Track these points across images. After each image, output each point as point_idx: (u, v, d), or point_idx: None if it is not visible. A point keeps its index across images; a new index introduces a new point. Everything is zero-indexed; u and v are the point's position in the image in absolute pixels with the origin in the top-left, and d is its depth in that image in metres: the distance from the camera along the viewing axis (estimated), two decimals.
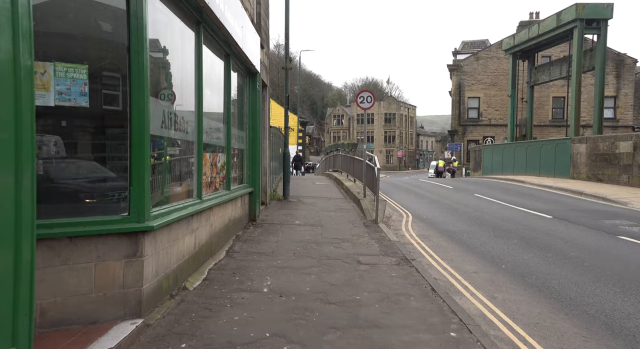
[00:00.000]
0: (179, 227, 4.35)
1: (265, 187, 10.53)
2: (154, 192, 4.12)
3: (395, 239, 7.51)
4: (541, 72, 25.08)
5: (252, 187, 8.49)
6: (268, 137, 10.75)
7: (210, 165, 5.85)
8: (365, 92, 11.05)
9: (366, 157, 11.84)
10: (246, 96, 8.36)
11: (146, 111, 3.54)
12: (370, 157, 11.30)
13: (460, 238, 8.04)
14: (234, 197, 6.95)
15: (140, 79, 3.49)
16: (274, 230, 7.91)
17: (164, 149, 4.35)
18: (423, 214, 10.70)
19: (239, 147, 7.92)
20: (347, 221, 9.01)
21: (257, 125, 8.60)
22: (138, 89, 3.49)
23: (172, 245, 4.19)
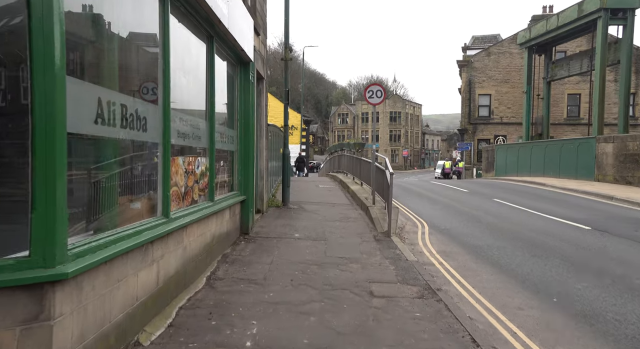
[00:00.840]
0: (127, 262, 3.15)
1: (262, 193, 9.33)
2: (89, 214, 2.92)
3: (413, 258, 6.28)
4: (559, 67, 23.67)
5: (245, 195, 7.29)
6: (265, 136, 9.55)
7: (185, 172, 4.65)
8: (375, 86, 9.82)
9: (375, 158, 10.61)
10: (237, 89, 7.16)
11: (57, 97, 2.34)
12: (381, 159, 10.06)
13: (489, 256, 6.79)
14: (219, 209, 5.75)
15: (47, 48, 2.29)
16: (268, 246, 6.71)
17: (104, 154, 3.15)
18: (440, 224, 9.46)
19: (228, 149, 6.72)
20: (355, 234, 7.79)
21: (251, 122, 7.40)
22: (44, 64, 2.29)
23: (115, 289, 2.99)
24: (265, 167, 9.62)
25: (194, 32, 5.02)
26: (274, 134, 11.97)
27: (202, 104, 5.44)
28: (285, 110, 10.41)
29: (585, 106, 30.65)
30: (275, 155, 12.56)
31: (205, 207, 5.22)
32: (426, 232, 8.58)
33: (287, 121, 10.47)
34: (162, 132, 3.91)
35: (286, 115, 10.42)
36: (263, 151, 9.29)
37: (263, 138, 9.30)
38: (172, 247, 4.07)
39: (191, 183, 4.83)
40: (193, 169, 4.90)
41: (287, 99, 10.34)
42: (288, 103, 10.37)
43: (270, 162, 11.42)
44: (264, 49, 9.61)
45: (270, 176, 11.54)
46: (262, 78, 9.24)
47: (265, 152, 9.46)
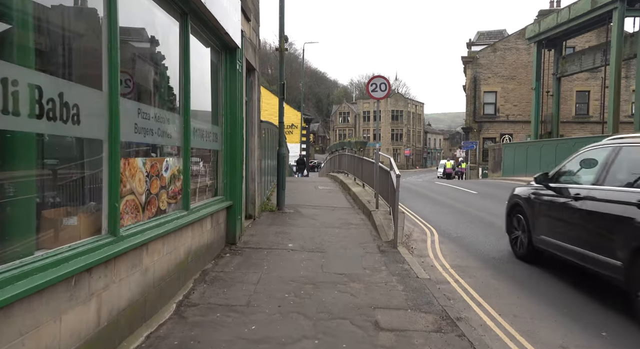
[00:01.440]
0: (40, 304, 2.27)
1: (254, 196, 8.45)
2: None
3: (424, 275, 5.39)
4: (570, 63, 22.69)
5: (231, 200, 6.40)
6: (258, 134, 8.66)
7: (147, 176, 3.76)
8: (379, 79, 8.91)
9: (378, 158, 9.72)
10: (222, 79, 6.27)
11: None
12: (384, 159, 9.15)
13: (511, 271, 5.89)
14: (197, 218, 4.87)
15: None
16: (257, 260, 5.83)
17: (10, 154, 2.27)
18: (451, 231, 8.56)
19: (210, 148, 5.85)
20: (357, 244, 6.90)
21: (238, 118, 6.51)
22: None
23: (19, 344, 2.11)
24: (258, 168, 8.74)
25: (160, 6, 4.13)
26: (269, 131, 11.08)
27: (174, 95, 4.56)
28: (280, 105, 9.51)
29: (594, 104, 29.70)
30: (271, 154, 11.67)
31: (177, 218, 4.34)
32: (436, 241, 7.68)
33: (283, 117, 9.58)
34: (107, 127, 3.02)
35: (281, 111, 9.53)
36: (255, 151, 8.41)
37: (255, 136, 8.42)
38: (123, 273, 3.19)
39: (156, 189, 3.95)
40: (159, 173, 4.02)
41: (283, 94, 9.46)
42: (283, 98, 9.48)
43: (266, 162, 10.54)
44: (257, 38, 8.73)
45: (265, 175, 10.66)
46: (254, 69, 8.36)
47: (257, 152, 8.58)
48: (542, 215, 5.83)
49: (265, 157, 10.37)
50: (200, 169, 5.44)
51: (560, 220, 5.43)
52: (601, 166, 4.98)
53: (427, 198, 13.80)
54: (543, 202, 5.87)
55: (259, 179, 8.87)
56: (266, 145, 10.52)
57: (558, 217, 5.51)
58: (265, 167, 10.41)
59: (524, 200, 6.36)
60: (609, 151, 5.01)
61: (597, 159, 5.19)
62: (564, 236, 5.26)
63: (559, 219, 5.48)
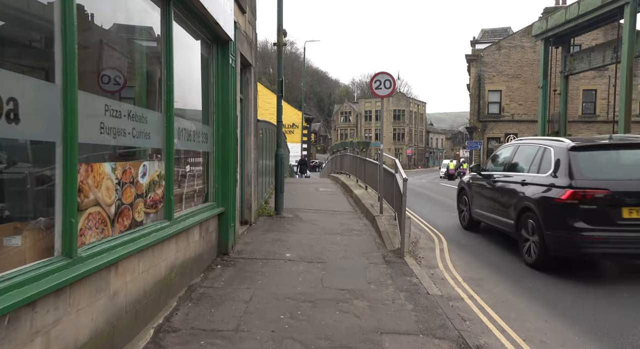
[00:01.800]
0: None
1: (250, 200, 7.93)
2: None
3: (435, 291, 4.86)
4: (579, 60, 22.06)
5: (223, 206, 5.88)
6: (254, 134, 8.14)
7: (118, 184, 3.24)
8: (383, 75, 8.37)
9: (382, 159, 9.19)
10: (213, 75, 5.75)
11: None
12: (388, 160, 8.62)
13: (531, 284, 5.35)
14: (182, 228, 4.36)
15: None
16: (251, 272, 5.30)
17: None
18: (460, 237, 8.02)
19: (199, 149, 5.34)
20: (360, 253, 6.37)
21: (231, 117, 5.99)
22: None
23: None
24: (254, 170, 8.21)
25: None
26: (267, 131, 10.56)
27: (153, 89, 4.04)
28: (279, 103, 8.98)
29: (601, 103, 29.10)
30: (269, 155, 11.14)
31: (157, 230, 3.82)
32: (445, 249, 7.15)
33: (281, 116, 9.05)
34: (62, 126, 2.50)
35: (279, 109, 9.00)
36: (251, 152, 7.89)
37: (251, 136, 7.90)
38: (83, 302, 2.67)
39: (130, 199, 3.42)
40: (134, 179, 3.50)
41: (281, 91, 8.93)
42: (282, 95, 8.95)
43: (263, 163, 10.03)
44: (253, 32, 8.21)
45: (263, 177, 10.15)
46: (250, 65, 7.84)
47: (253, 153, 8.06)
48: (476, 194, 7.97)
49: (263, 158, 9.86)
50: (187, 173, 4.92)
51: (485, 197, 7.55)
52: (508, 158, 7.34)
53: (432, 200, 13.25)
54: (476, 185, 8.06)
55: (255, 181, 8.35)
56: (264, 145, 10.00)
57: (484, 195, 7.62)
58: (263, 169, 9.90)
59: (466, 184, 8.64)
60: (512, 148, 7.35)
61: (506, 154, 7.47)
62: (487, 208, 7.37)
63: (484, 197, 7.63)
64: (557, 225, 5.47)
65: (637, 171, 5.57)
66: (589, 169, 5.58)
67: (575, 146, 5.79)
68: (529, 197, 6.06)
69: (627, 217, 5.24)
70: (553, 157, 5.99)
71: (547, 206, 5.67)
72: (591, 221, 5.25)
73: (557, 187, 5.61)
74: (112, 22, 3.32)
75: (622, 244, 5.26)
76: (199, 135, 5.22)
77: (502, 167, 7.35)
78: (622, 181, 5.42)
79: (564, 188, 5.48)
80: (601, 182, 5.37)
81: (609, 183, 5.35)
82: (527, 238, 6.10)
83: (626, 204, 5.26)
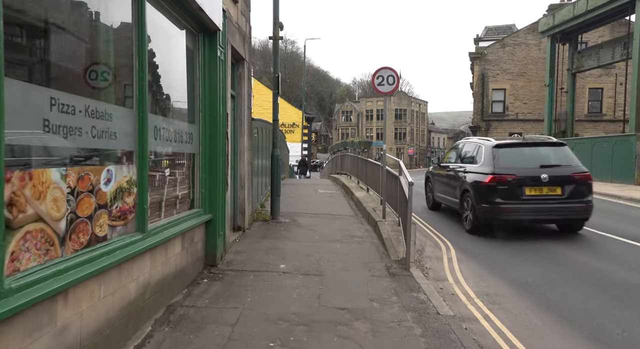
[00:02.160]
0: None
1: (243, 205, 7.38)
2: None
3: (446, 310, 4.31)
4: (587, 57, 21.43)
5: (210, 213, 5.34)
6: (248, 133, 7.59)
7: (71, 193, 2.70)
8: (385, 70, 7.81)
9: (385, 160, 8.63)
10: (199, 69, 5.20)
11: None
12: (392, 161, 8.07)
13: (555, 303, 4.79)
14: (159, 241, 3.82)
15: None
16: (240, 287, 4.76)
17: None
18: (469, 245, 7.45)
19: (182, 150, 4.79)
20: (361, 263, 5.83)
21: (219, 114, 5.45)
22: None
23: None
24: (248, 172, 7.67)
25: None
26: (263, 131, 10.01)
27: (121, 83, 3.49)
28: (275, 100, 8.43)
29: (608, 101, 28.50)
30: (266, 156, 10.59)
31: (126, 245, 3.28)
32: (454, 258, 6.59)
33: (277, 114, 8.50)
34: None
35: (275, 107, 8.44)
36: (244, 153, 7.34)
37: (244, 136, 7.36)
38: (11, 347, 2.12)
39: (88, 211, 2.88)
40: (94, 187, 2.95)
41: (277, 87, 8.37)
42: (278, 92, 8.40)
43: (259, 165, 9.49)
44: (247, 24, 7.66)
45: (259, 179, 9.61)
46: (243, 60, 7.29)
47: (247, 154, 7.51)
48: (437, 181, 9.85)
49: (259, 159, 9.31)
50: (167, 178, 4.38)
51: (442, 183, 9.32)
52: (457, 153, 9.41)
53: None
54: (436, 174, 9.90)
55: (249, 184, 7.81)
56: (260, 145, 9.46)
57: (442, 181, 9.47)
58: (259, 171, 9.36)
59: (430, 174, 10.67)
60: (461, 145, 9.44)
61: (457, 150, 9.62)
62: (444, 192, 9.09)
63: (442, 183, 9.47)
64: (483, 201, 7.44)
65: (535, 162, 7.68)
66: (504, 161, 7.66)
67: (497, 144, 7.92)
68: (468, 182, 7.99)
69: (528, 194, 7.41)
70: (483, 152, 7.98)
71: (477, 187, 7.63)
72: (505, 197, 7.32)
73: (484, 174, 7.63)
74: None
75: (525, 212, 7.44)
76: (182, 135, 4.69)
77: (454, 159, 9.50)
78: (525, 168, 7.56)
79: (488, 174, 7.54)
80: (511, 170, 7.48)
81: (516, 170, 7.48)
82: (466, 212, 8.11)
83: (527, 184, 7.40)
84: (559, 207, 7.42)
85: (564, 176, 7.47)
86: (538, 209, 7.37)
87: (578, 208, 7.48)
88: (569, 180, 7.45)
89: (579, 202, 7.46)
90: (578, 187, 7.48)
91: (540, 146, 8.17)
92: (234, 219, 7.29)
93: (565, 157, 7.86)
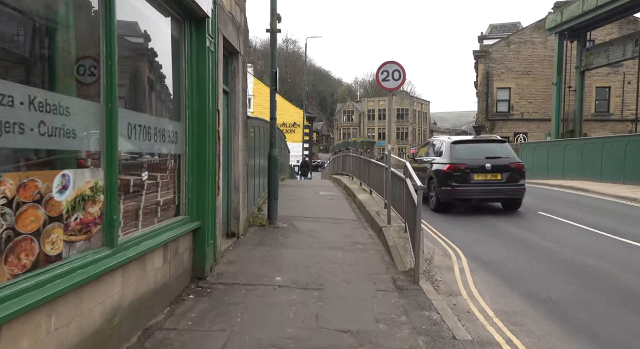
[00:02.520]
0: None
1: (237, 209, 6.86)
2: None
3: (463, 334, 3.78)
4: (596, 55, 20.84)
5: (198, 220, 4.82)
6: (243, 132, 7.07)
7: (7, 205, 2.17)
8: (391, 65, 7.28)
9: (390, 162, 8.10)
10: (185, 60, 4.68)
11: None
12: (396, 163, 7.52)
13: (586, 326, 4.25)
14: (132, 256, 3.30)
15: None
16: (230, 305, 4.24)
17: None
18: (481, 252, 6.92)
19: (165, 151, 4.27)
20: (366, 275, 5.30)
21: (209, 111, 4.92)
22: None
23: None
24: (243, 174, 7.15)
25: None
26: (261, 130, 9.48)
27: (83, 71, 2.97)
28: (272, 97, 7.90)
29: (615, 100, 27.89)
30: (264, 155, 10.06)
31: (87, 264, 2.76)
32: (466, 269, 6.05)
33: (275, 112, 7.97)
34: None
35: (273, 104, 7.91)
36: (239, 153, 6.82)
37: (239, 135, 6.83)
38: None
39: (34, 225, 2.36)
40: (44, 196, 2.43)
41: (275, 84, 7.85)
42: (276, 89, 7.87)
43: (256, 166, 8.96)
44: (242, 15, 7.14)
45: (255, 181, 9.08)
46: (238, 53, 6.76)
47: (242, 155, 6.98)
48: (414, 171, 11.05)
49: (255, 159, 8.79)
50: (146, 182, 3.85)
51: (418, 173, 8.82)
52: (428, 149, 11.37)
53: None
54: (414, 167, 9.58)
55: (244, 187, 7.29)
56: (257, 145, 8.93)
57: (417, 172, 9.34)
58: (255, 172, 8.83)
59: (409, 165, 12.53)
60: (431, 142, 11.51)
61: (428, 146, 11.52)
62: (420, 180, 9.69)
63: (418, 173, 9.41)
64: (443, 184, 8.87)
65: (482, 154, 9.80)
66: (459, 154, 9.82)
67: (454, 141, 10.32)
68: (432, 171, 9.94)
69: (475, 179, 9.52)
70: (444, 147, 10.18)
71: (439, 174, 9.26)
72: (458, 181, 9.26)
73: (444, 164, 9.72)
74: None
75: (474, 193, 9.62)
76: (164, 133, 4.16)
77: (425, 154, 11.40)
78: (473, 159, 9.66)
79: (446, 164, 9.65)
80: (464, 160, 9.61)
81: (467, 161, 9.62)
82: (431, 194, 10.06)
83: (475, 171, 9.52)
84: (499, 189, 9.69)
85: (503, 165, 9.60)
86: (484, 190, 9.30)
87: (514, 190, 9.78)
88: (507, 168, 9.61)
89: (514, 185, 9.73)
90: (513, 174, 9.68)
91: (487, 142, 10.63)
92: (228, 225, 6.77)
93: (505, 151, 10.10)
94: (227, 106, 6.63)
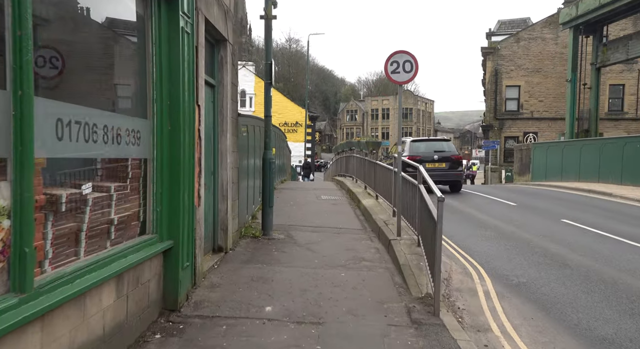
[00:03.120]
0: None
1: (225, 220, 5.98)
2: None
3: None
4: (613, 50, 19.80)
5: (171, 239, 3.94)
6: (232, 131, 6.18)
7: None
8: (402, 55, 6.37)
9: (400, 166, 7.20)
10: (151, 42, 3.79)
11: None
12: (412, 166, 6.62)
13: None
14: (56, 302, 2.42)
15: None
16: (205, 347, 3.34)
17: None
18: (507, 270, 6.00)
19: (122, 155, 3.39)
20: (374, 304, 4.39)
21: (185, 106, 4.03)
22: None
23: None
24: (233, 179, 6.27)
25: None
26: (256, 129, 8.58)
27: None
28: (267, 93, 7.01)
29: (630, 99, 26.84)
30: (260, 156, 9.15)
31: None
32: (492, 292, 5.13)
33: (270, 110, 7.09)
34: None
35: (268, 100, 7.02)
36: (226, 155, 5.93)
37: (227, 135, 5.94)
38: None
39: None
40: None
41: (270, 77, 6.96)
42: (271, 82, 6.98)
43: (250, 169, 8.08)
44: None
45: (250, 182, 8.20)
46: (226, 41, 5.88)
47: (231, 157, 6.10)
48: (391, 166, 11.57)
49: (249, 161, 7.91)
50: (90, 197, 2.97)
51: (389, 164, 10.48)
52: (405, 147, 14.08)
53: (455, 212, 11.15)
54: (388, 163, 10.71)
55: (234, 194, 6.40)
56: (251, 146, 8.04)
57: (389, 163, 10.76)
58: (248, 176, 7.95)
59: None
60: (407, 142, 14.74)
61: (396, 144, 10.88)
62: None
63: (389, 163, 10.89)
64: (404, 170, 7.76)
65: (432, 149, 14.03)
66: (415, 149, 13.95)
67: (413, 140, 15.12)
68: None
69: (427, 167, 11.30)
70: (407, 145, 14.05)
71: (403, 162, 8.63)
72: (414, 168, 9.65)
73: (405, 156, 11.91)
74: None
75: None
76: (121, 133, 3.27)
77: (394, 151, 11.93)
78: (426, 152, 13.69)
79: (406, 156, 12.11)
80: (419, 153, 13.31)
81: (421, 153, 13.40)
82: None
83: (426, 161, 12.71)
84: (444, 174, 13.56)
85: (446, 156, 13.72)
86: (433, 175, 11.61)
87: (455, 174, 14.14)
88: (449, 159, 13.73)
89: (455, 172, 14.08)
90: (454, 163, 13.92)
91: (436, 141, 15.80)
92: (214, 238, 5.90)
93: (449, 147, 14.50)
94: (213, 101, 5.76)
